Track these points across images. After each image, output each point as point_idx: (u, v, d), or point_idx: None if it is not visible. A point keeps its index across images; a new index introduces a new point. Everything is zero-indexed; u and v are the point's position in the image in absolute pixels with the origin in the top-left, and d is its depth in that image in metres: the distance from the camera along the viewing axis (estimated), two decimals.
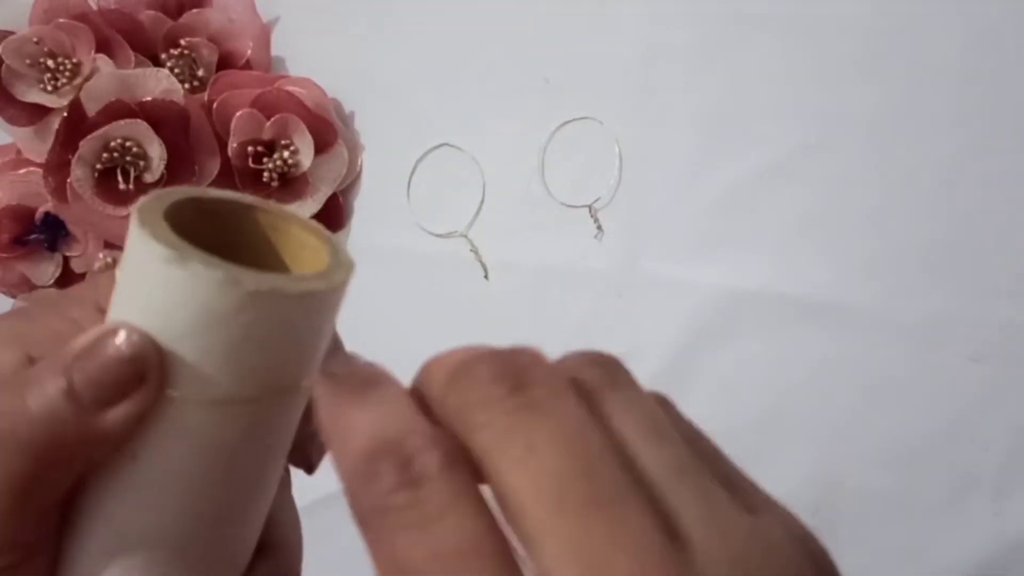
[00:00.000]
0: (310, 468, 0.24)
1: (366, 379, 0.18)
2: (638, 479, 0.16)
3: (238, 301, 0.20)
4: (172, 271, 0.20)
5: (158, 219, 0.22)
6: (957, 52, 0.41)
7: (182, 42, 0.50)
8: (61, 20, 0.48)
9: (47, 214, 0.49)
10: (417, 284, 0.49)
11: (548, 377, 0.17)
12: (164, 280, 0.21)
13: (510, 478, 0.15)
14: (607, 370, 0.18)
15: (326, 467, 0.25)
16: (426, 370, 0.19)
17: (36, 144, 0.49)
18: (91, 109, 0.45)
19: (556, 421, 0.16)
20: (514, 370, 0.17)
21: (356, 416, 0.17)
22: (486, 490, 0.16)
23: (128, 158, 0.46)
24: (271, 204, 0.24)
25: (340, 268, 0.23)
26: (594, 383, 0.18)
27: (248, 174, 0.48)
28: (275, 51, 0.53)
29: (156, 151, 0.46)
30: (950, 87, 0.41)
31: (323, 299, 0.21)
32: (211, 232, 0.23)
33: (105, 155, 0.45)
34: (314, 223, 0.24)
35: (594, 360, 0.18)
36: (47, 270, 0.50)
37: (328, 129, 0.49)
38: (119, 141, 0.45)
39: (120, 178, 0.46)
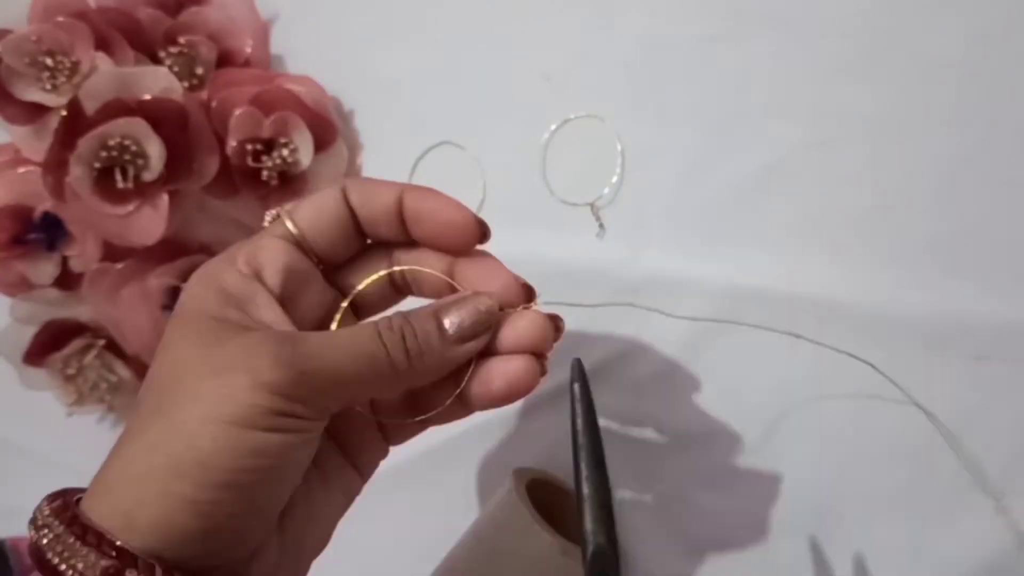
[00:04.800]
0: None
1: None
2: None
3: (578, 569, 0.34)
4: (557, 557, 0.35)
5: (528, 501, 0.38)
6: (959, 49, 0.40)
7: (181, 40, 0.50)
8: (60, 18, 0.48)
9: (46, 213, 0.49)
10: None
11: None
12: (546, 556, 0.35)
13: None
14: None
15: None
16: None
17: (35, 143, 0.49)
18: (90, 108, 0.45)
19: None
20: None
21: None
22: None
23: (127, 157, 0.45)
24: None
25: None
26: None
27: (247, 172, 0.48)
28: (274, 49, 0.53)
29: (155, 150, 0.45)
30: (952, 85, 0.40)
31: None
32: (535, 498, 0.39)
33: (104, 154, 0.45)
34: None
35: None
36: (46, 269, 0.50)
37: (327, 127, 0.49)
38: (118, 140, 0.45)
39: (119, 177, 0.46)
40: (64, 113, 0.45)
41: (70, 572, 0.24)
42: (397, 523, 0.47)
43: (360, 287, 0.31)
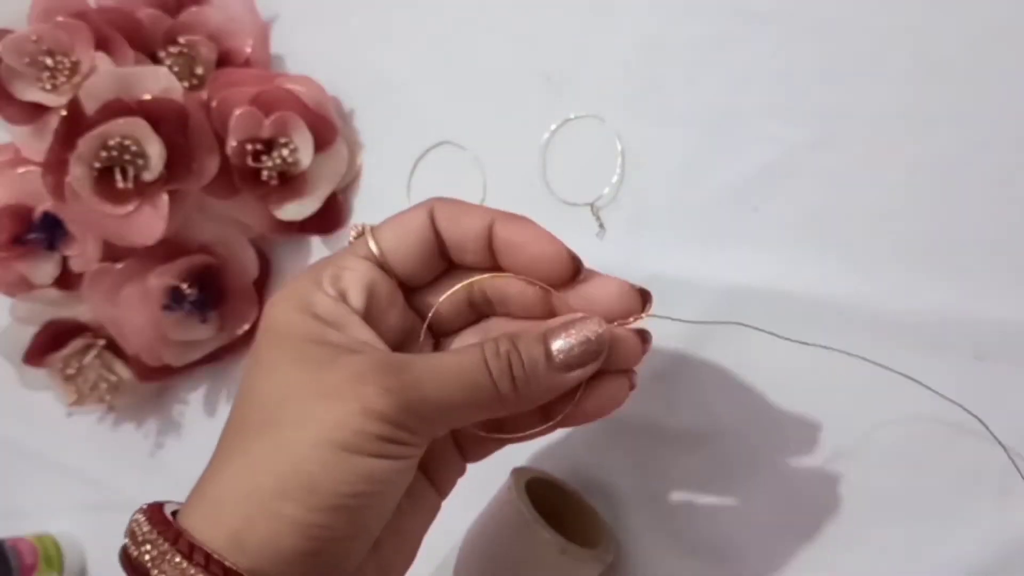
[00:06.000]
0: None
1: None
2: None
3: (576, 567, 0.36)
4: (555, 556, 0.35)
5: (528, 501, 0.38)
6: (959, 49, 0.40)
7: (181, 40, 0.50)
8: (60, 18, 0.48)
9: (46, 213, 0.49)
10: None
11: None
12: (544, 555, 0.35)
13: None
14: None
15: None
16: None
17: (35, 143, 0.49)
18: (90, 107, 0.45)
19: None
20: None
21: None
22: None
23: (127, 156, 0.45)
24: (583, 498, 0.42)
25: (611, 546, 0.40)
26: None
27: (247, 172, 0.48)
28: (274, 49, 0.53)
29: (155, 149, 0.46)
30: (952, 85, 0.40)
31: (604, 565, 0.38)
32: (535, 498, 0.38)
33: (104, 153, 0.45)
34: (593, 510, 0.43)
35: None
36: (46, 269, 0.50)
37: (327, 127, 0.49)
38: (118, 140, 0.45)
39: (119, 177, 0.46)
40: (64, 113, 0.45)
41: None
42: None
43: (441, 300, 0.30)
